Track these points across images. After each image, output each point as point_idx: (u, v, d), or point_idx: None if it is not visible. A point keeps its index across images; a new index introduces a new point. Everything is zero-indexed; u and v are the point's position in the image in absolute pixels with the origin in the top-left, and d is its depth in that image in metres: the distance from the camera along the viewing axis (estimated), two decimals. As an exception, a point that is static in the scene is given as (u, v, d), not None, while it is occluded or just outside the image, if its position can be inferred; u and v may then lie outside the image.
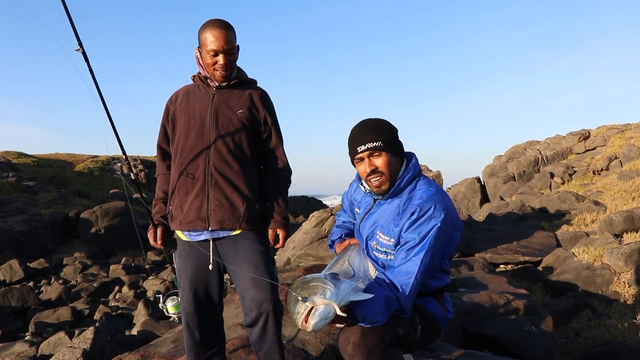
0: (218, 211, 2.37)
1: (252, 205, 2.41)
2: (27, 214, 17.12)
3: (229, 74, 2.44)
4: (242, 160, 2.42)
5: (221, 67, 2.39)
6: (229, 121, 2.42)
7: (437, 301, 2.19)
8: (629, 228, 9.28)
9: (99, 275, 12.32)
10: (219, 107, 2.44)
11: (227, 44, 2.36)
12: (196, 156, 2.41)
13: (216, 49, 2.36)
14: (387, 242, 2.12)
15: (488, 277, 5.83)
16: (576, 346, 4.96)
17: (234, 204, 2.38)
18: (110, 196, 25.84)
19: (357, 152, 2.13)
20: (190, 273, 2.47)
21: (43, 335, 7.42)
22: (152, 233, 2.53)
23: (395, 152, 2.15)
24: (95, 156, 38.25)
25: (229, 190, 2.38)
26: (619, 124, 24.47)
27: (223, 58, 2.38)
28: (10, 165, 28.48)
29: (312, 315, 1.69)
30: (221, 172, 2.38)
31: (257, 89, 2.55)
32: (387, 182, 2.13)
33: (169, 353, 3.35)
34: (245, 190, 2.40)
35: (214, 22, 2.39)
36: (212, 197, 2.38)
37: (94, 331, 4.83)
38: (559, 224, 12.34)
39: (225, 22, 2.40)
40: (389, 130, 2.15)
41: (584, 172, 20.25)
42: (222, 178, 2.38)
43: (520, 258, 9.59)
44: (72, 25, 2.41)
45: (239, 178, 2.40)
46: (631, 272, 7.12)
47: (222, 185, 2.38)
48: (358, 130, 2.16)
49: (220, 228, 2.39)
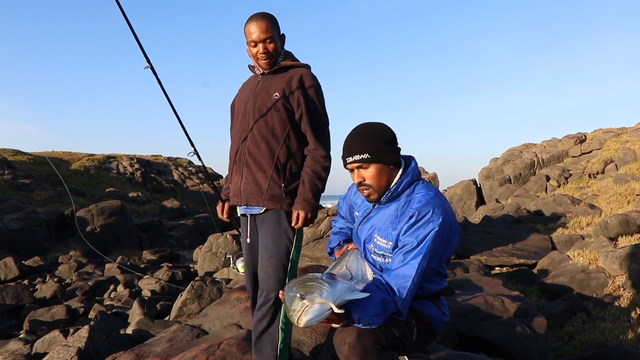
0: (246, 188, 2.61)
1: (274, 185, 2.56)
2: (22, 211, 17.06)
3: (271, 61, 2.60)
4: (270, 142, 2.56)
5: (262, 55, 2.57)
6: (264, 104, 2.58)
7: (433, 304, 2.20)
8: (624, 231, 9.32)
9: (94, 274, 12.29)
10: (258, 92, 2.62)
11: (263, 34, 2.53)
12: (239, 139, 2.66)
13: (255, 40, 2.55)
14: (385, 245, 2.12)
15: (483, 279, 5.84)
16: (570, 349, 4.98)
17: (259, 183, 2.57)
18: (106, 195, 25.78)
19: (346, 162, 2.16)
20: (243, 244, 2.79)
21: (37, 334, 7.38)
22: (220, 207, 2.85)
23: (387, 161, 2.12)
24: (92, 154, 38.15)
25: (255, 169, 2.58)
26: (615, 128, 24.56)
27: (262, 47, 2.55)
28: (6, 162, 28.38)
29: (305, 312, 1.70)
30: (251, 152, 2.59)
31: (301, 71, 2.61)
32: (375, 193, 2.15)
33: (163, 352, 3.35)
34: (269, 170, 2.56)
35: (251, 16, 2.58)
36: (244, 175, 2.62)
37: (88, 330, 4.82)
38: (555, 226, 12.38)
39: (262, 14, 2.57)
40: (379, 140, 2.11)
41: (580, 176, 20.32)
42: (251, 158, 2.59)
43: (515, 260, 9.61)
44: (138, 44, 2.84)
45: (265, 158, 2.56)
46: (626, 275, 7.15)
47: (251, 164, 2.59)
48: (347, 141, 2.16)
49: (247, 204, 2.63)
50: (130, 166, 36.45)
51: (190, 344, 3.45)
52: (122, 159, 37.46)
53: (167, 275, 11.18)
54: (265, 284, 2.56)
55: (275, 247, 2.55)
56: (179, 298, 7.34)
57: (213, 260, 12.35)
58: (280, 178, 2.55)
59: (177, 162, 40.42)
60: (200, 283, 7.36)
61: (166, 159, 40.50)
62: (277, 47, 2.58)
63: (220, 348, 3.05)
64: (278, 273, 2.52)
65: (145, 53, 2.86)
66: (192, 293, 7.15)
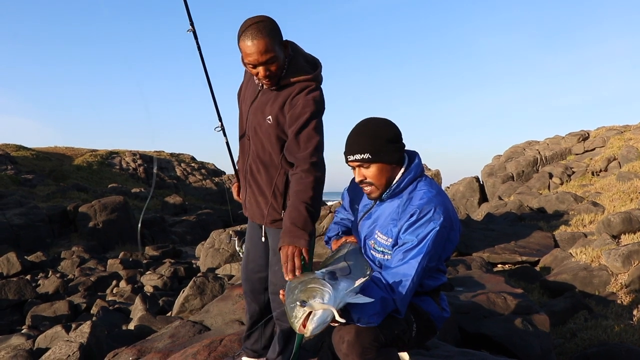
0: (249, 207, 2.58)
1: (273, 212, 2.47)
2: (25, 207, 17.09)
3: (274, 82, 2.27)
4: (268, 167, 2.45)
5: (262, 78, 2.24)
6: (259, 126, 2.39)
7: (433, 300, 2.19)
8: (627, 229, 9.30)
9: (96, 270, 12.31)
10: (255, 110, 2.40)
11: (262, 55, 2.14)
12: (242, 148, 2.60)
13: (252, 62, 2.18)
14: (385, 242, 2.12)
15: (485, 276, 5.83)
16: (572, 346, 4.97)
17: (260, 206, 2.51)
18: (108, 190, 25.83)
19: (347, 160, 2.15)
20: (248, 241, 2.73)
21: (40, 329, 7.40)
22: (236, 187, 2.74)
23: (388, 161, 2.10)
24: (94, 150, 38.21)
25: (257, 192, 2.51)
26: (619, 125, 24.49)
27: (262, 70, 2.20)
28: (9, 158, 28.46)
29: (310, 321, 1.68)
30: (253, 173, 2.51)
31: (300, 91, 2.27)
32: (376, 191, 2.14)
33: (165, 348, 3.35)
34: (269, 196, 2.47)
35: (246, 31, 2.15)
36: (247, 193, 2.58)
37: (90, 325, 4.83)
38: (557, 224, 12.37)
39: (258, 28, 2.14)
40: (381, 139, 2.08)
41: (583, 173, 20.28)
42: (253, 179, 2.51)
43: (517, 258, 9.61)
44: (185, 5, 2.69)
45: (264, 183, 2.47)
46: (628, 273, 7.14)
47: (253, 185, 2.53)
48: (349, 138, 2.14)
49: (253, 220, 2.61)
50: (133, 162, 36.51)
51: (192, 340, 3.45)
52: (125, 154, 37.53)
53: (170, 271, 11.20)
54: (274, 287, 2.49)
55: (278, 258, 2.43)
56: (181, 294, 7.36)
57: (215, 256, 12.36)
58: (279, 205, 2.44)
59: (179, 158, 40.48)
60: (203, 279, 7.38)
61: (169, 155, 40.56)
62: (280, 65, 2.23)
63: (222, 344, 3.05)
64: None
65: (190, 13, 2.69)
66: (194, 289, 7.17)
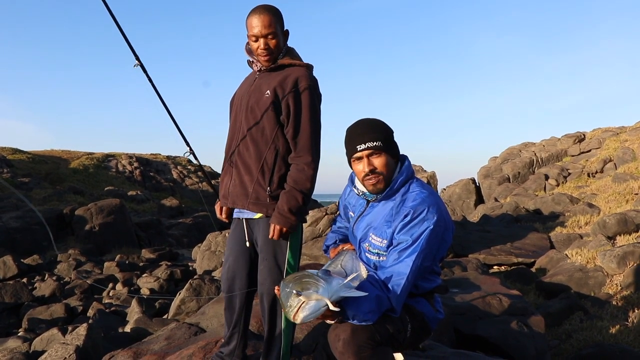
0: (233, 190, 2.53)
1: (259, 188, 2.45)
2: (21, 210, 17.06)
3: (271, 58, 2.48)
4: (259, 143, 2.46)
5: (262, 51, 2.45)
6: (256, 103, 2.48)
7: (427, 302, 2.21)
8: (622, 230, 9.33)
9: (92, 272, 12.29)
10: (253, 90, 2.52)
11: (265, 29, 2.41)
12: (232, 138, 2.59)
13: (256, 34, 2.43)
14: (379, 243, 2.14)
15: (481, 278, 5.85)
16: (568, 347, 4.99)
17: (245, 185, 2.48)
18: (105, 193, 25.77)
19: (356, 150, 2.13)
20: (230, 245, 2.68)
21: (36, 332, 7.39)
22: (219, 207, 2.69)
23: (392, 154, 2.16)
24: (91, 153, 38.11)
25: (243, 171, 2.49)
26: (614, 127, 24.57)
27: (263, 43, 2.44)
28: (5, 161, 28.36)
29: (302, 309, 1.72)
30: (241, 153, 2.51)
31: (298, 72, 2.46)
32: (383, 182, 2.15)
33: (161, 350, 3.35)
34: (255, 173, 2.46)
35: (255, 8, 2.46)
36: (232, 176, 2.54)
37: (87, 328, 4.82)
38: (553, 225, 12.40)
39: (266, 7, 2.46)
40: (386, 132, 2.16)
41: (579, 175, 20.33)
42: (240, 160, 2.51)
43: (513, 259, 9.62)
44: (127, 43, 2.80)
45: (252, 160, 2.47)
46: (624, 274, 7.16)
47: (239, 166, 2.51)
48: (357, 129, 2.16)
49: (234, 207, 2.55)
50: (130, 165, 36.43)
51: (187, 342, 3.45)
52: (121, 157, 37.43)
53: (166, 273, 11.19)
54: (261, 287, 2.52)
55: (268, 250, 2.47)
56: (178, 296, 7.36)
57: (212, 258, 12.35)
58: (266, 181, 2.44)
59: (176, 160, 40.41)
60: (199, 281, 7.38)
61: (165, 158, 40.49)
62: (279, 43, 2.46)
63: (217, 346, 3.05)
64: (273, 275, 2.45)
65: (134, 51, 2.79)
66: (190, 291, 7.16)
